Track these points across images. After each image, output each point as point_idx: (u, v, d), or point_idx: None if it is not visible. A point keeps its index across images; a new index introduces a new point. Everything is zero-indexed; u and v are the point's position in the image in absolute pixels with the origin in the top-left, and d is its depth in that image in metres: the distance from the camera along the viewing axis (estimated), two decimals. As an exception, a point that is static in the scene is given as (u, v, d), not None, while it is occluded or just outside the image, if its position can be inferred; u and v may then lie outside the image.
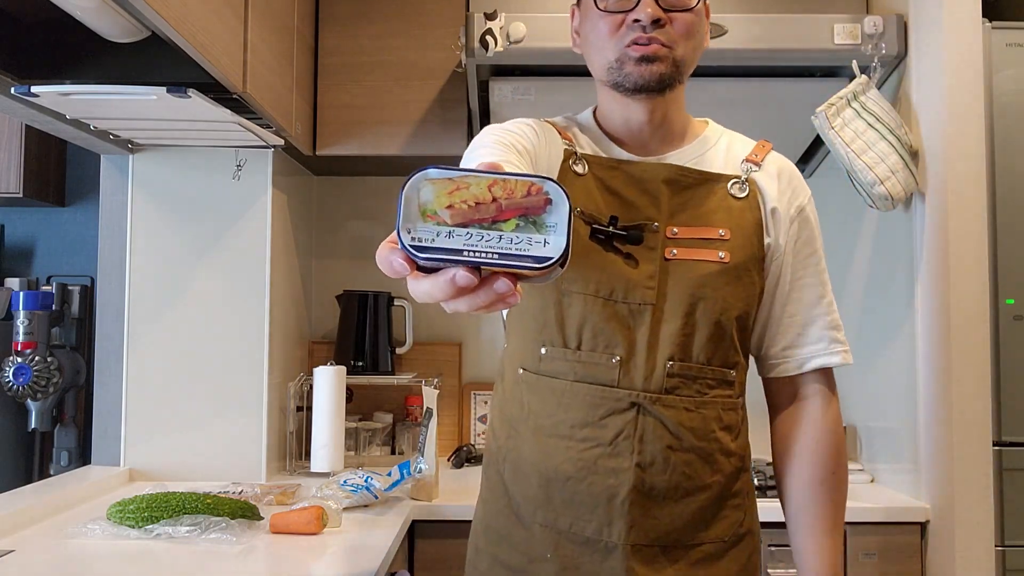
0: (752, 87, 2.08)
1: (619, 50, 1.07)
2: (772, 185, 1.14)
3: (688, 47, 1.09)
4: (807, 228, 1.16)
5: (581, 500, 1.07)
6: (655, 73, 1.07)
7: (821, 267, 1.17)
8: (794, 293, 1.15)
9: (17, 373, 2.26)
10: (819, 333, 1.16)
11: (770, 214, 1.13)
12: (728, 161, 1.15)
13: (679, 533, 1.08)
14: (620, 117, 1.15)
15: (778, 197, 1.13)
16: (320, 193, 2.53)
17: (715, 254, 1.09)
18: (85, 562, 1.34)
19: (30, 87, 1.42)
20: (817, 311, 1.16)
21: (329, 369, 2.06)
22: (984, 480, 1.75)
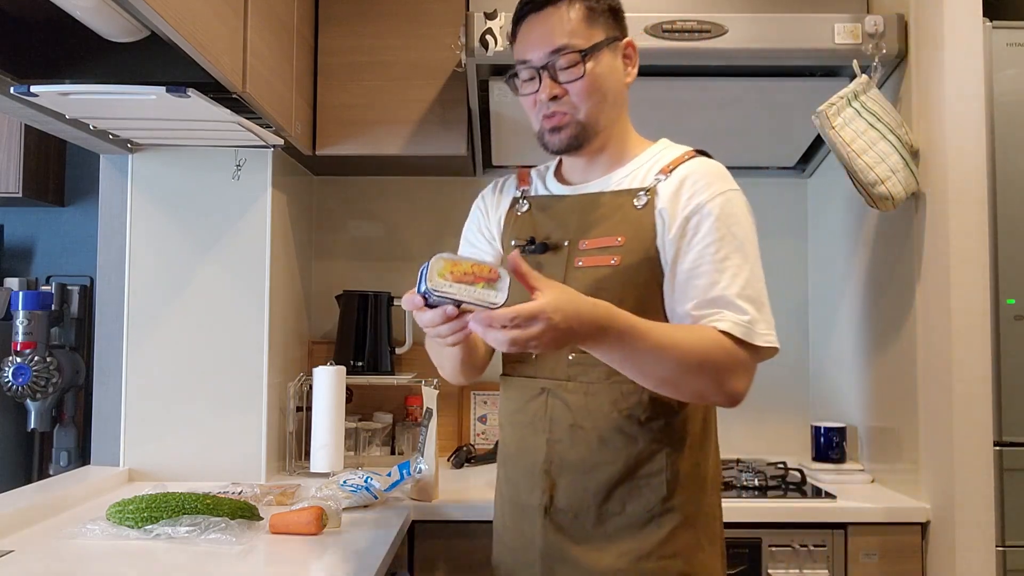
0: (752, 87, 2.08)
1: (539, 123, 1.31)
2: (669, 190, 1.26)
3: (590, 105, 1.28)
4: (707, 223, 1.23)
5: (520, 473, 1.33)
6: (564, 139, 1.29)
7: (721, 255, 1.22)
8: (692, 282, 1.23)
9: (17, 373, 2.26)
10: (717, 302, 1.21)
11: (658, 215, 1.25)
12: (647, 176, 1.30)
13: (590, 502, 1.26)
14: (567, 164, 1.41)
15: (670, 200, 1.25)
16: (320, 193, 2.53)
17: (609, 259, 1.26)
18: (85, 562, 1.34)
19: (30, 87, 1.42)
20: (712, 295, 1.21)
21: (329, 369, 2.06)
22: (985, 480, 1.75)
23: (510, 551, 1.35)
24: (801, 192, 2.56)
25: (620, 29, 1.33)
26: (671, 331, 1.18)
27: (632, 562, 1.24)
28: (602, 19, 1.29)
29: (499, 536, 1.40)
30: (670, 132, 2.23)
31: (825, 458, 2.16)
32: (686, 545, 1.26)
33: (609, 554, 1.25)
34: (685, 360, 1.15)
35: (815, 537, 1.84)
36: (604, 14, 1.29)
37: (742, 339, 1.18)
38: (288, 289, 2.21)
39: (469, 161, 2.31)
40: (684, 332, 1.19)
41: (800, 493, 1.97)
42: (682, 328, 1.21)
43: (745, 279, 1.21)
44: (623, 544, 1.25)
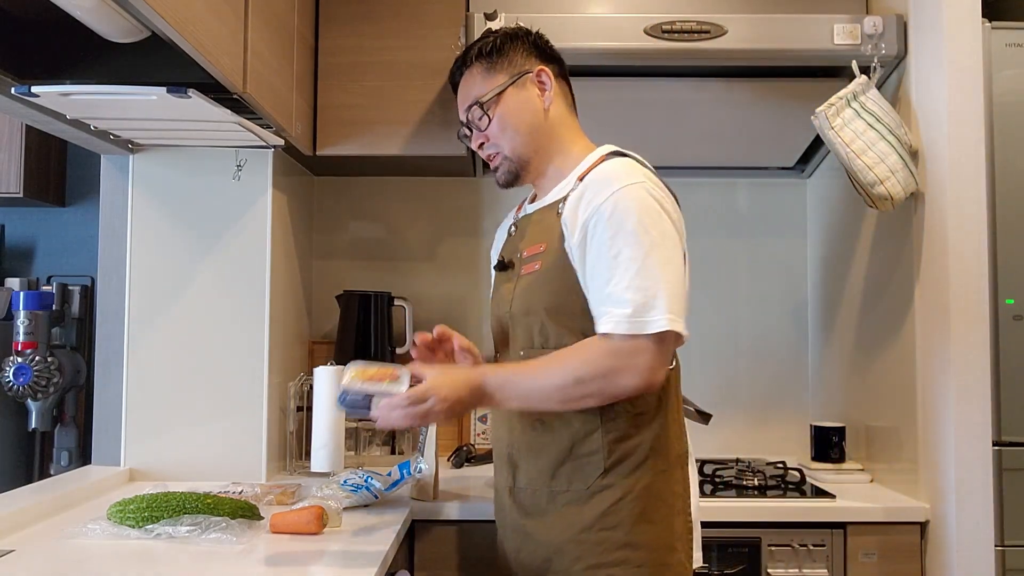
0: (752, 87, 2.09)
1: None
2: (574, 197, 1.39)
3: (506, 141, 1.47)
4: (600, 225, 1.32)
5: (496, 460, 1.53)
6: (500, 176, 1.52)
7: (612, 253, 1.30)
8: (590, 286, 1.35)
9: (17, 373, 2.26)
10: (604, 308, 1.31)
11: (565, 222, 1.38)
12: (570, 184, 1.43)
13: (540, 481, 1.41)
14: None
15: (572, 208, 1.38)
16: (320, 193, 2.53)
17: (534, 266, 1.43)
18: (85, 562, 1.34)
19: (30, 87, 1.42)
20: (606, 290, 1.31)
21: (329, 369, 2.06)
22: (984, 480, 1.75)
23: (499, 527, 1.54)
24: (801, 192, 2.56)
25: (527, 63, 1.48)
26: (545, 363, 1.34)
27: (576, 533, 1.36)
28: (502, 65, 1.47)
29: (496, 514, 1.57)
30: (670, 132, 2.25)
31: (824, 458, 2.17)
32: (628, 517, 1.35)
33: (557, 527, 1.38)
34: (563, 385, 1.30)
35: (814, 537, 1.84)
36: (503, 60, 1.47)
37: (630, 333, 1.27)
38: (288, 289, 2.21)
39: (469, 161, 2.32)
40: (557, 360, 1.33)
41: (799, 493, 1.98)
42: (557, 356, 1.34)
43: (635, 270, 1.28)
44: (569, 517, 1.37)
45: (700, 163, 2.44)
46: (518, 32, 1.51)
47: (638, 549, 1.35)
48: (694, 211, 2.52)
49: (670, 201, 1.38)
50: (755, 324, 2.53)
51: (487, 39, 1.50)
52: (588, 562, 1.36)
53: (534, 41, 1.51)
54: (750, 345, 2.53)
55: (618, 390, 1.30)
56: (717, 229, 2.54)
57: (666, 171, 2.46)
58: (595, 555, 1.36)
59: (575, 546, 1.37)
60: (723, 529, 1.84)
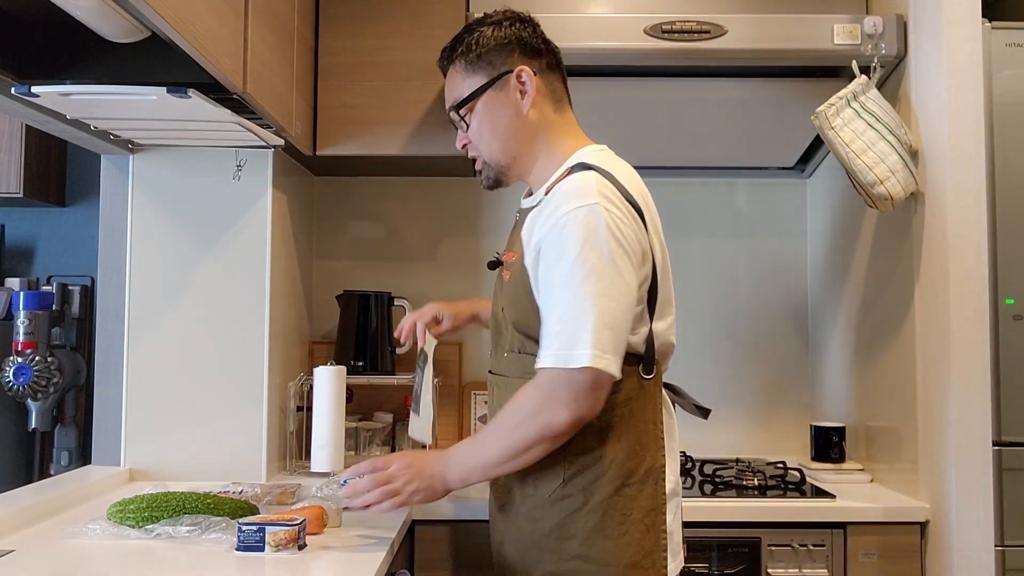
0: (752, 87, 2.09)
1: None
2: (534, 213, 1.37)
3: (487, 147, 1.45)
4: (545, 249, 1.30)
5: None
6: (483, 180, 1.50)
7: (549, 283, 1.30)
8: (541, 310, 1.33)
9: (17, 373, 2.26)
10: (540, 341, 1.31)
11: (522, 239, 1.37)
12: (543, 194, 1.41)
13: (514, 482, 1.40)
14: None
15: (529, 225, 1.36)
16: (320, 193, 2.53)
17: (507, 273, 1.42)
18: (85, 562, 1.34)
19: (30, 87, 1.42)
20: (544, 329, 1.31)
21: (329, 369, 2.06)
22: (984, 480, 1.75)
23: (489, 521, 1.55)
24: (800, 192, 2.56)
25: (508, 61, 1.41)
26: (488, 426, 1.37)
27: (538, 539, 1.37)
28: (480, 64, 1.41)
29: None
30: (670, 132, 2.25)
31: (824, 458, 2.17)
32: (582, 530, 1.33)
33: (524, 530, 1.39)
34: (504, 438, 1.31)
35: (814, 537, 1.84)
36: (482, 58, 1.41)
37: (553, 367, 1.26)
38: (288, 289, 2.21)
39: (469, 161, 2.31)
40: (496, 417, 1.36)
41: (799, 493, 1.98)
42: (499, 413, 1.35)
43: (567, 302, 1.26)
44: (534, 522, 1.38)
45: (700, 163, 2.44)
46: (501, 22, 1.42)
47: (590, 562, 1.33)
48: (694, 211, 2.53)
49: (628, 222, 1.30)
50: (755, 324, 2.53)
51: (470, 34, 1.43)
52: (545, 568, 1.36)
53: (517, 33, 1.41)
54: (750, 345, 2.52)
55: (552, 429, 1.27)
56: (717, 229, 2.54)
57: (666, 171, 2.50)
58: (551, 563, 1.35)
59: (536, 551, 1.37)
60: (723, 529, 1.84)
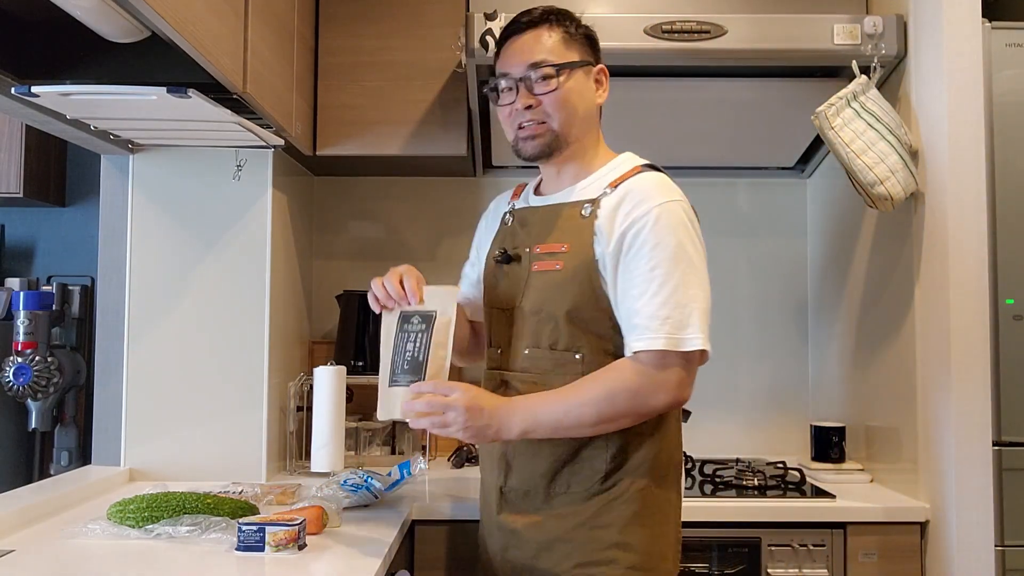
0: (752, 87, 2.09)
1: (513, 132, 1.46)
2: (610, 205, 1.38)
3: (562, 118, 1.41)
4: (639, 238, 1.34)
5: (486, 457, 1.52)
6: (538, 146, 1.43)
7: (649, 267, 1.32)
8: (624, 298, 1.35)
9: (17, 373, 2.26)
10: (637, 322, 1.33)
11: (599, 228, 1.37)
12: (597, 188, 1.42)
13: (538, 481, 1.41)
14: (543, 174, 1.54)
15: (609, 216, 1.37)
16: (320, 193, 2.53)
17: (555, 265, 1.40)
18: (86, 562, 1.34)
19: (30, 87, 1.43)
20: (639, 304, 1.32)
21: (329, 369, 2.06)
22: (984, 480, 1.75)
23: (484, 525, 1.53)
24: (801, 192, 2.56)
25: (594, 56, 1.48)
26: (576, 386, 1.34)
27: (568, 530, 1.37)
28: (577, 44, 1.44)
29: (480, 511, 1.57)
30: (670, 132, 2.25)
31: (824, 458, 2.17)
32: (620, 517, 1.36)
33: (548, 526, 1.39)
34: (597, 403, 1.31)
35: (814, 537, 1.84)
36: (580, 40, 1.44)
37: (665, 349, 1.29)
38: (288, 289, 2.21)
39: (469, 161, 2.32)
40: (590, 380, 1.34)
41: (799, 493, 1.98)
42: (587, 378, 1.34)
43: (672, 288, 1.30)
44: (563, 517, 1.38)
45: (700, 163, 2.44)
46: (589, 28, 1.49)
47: (628, 550, 1.35)
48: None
49: (697, 221, 1.41)
50: (755, 324, 2.53)
51: (571, 14, 1.46)
52: (576, 560, 1.36)
53: (598, 42, 1.50)
54: (750, 345, 2.52)
55: (649, 408, 1.32)
56: (717, 229, 2.54)
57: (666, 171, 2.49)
58: (585, 553, 1.36)
59: (565, 544, 1.37)
60: (723, 529, 1.84)
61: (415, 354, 1.43)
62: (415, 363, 1.42)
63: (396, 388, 1.41)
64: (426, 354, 1.42)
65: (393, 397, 1.41)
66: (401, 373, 1.42)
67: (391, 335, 1.44)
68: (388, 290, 1.42)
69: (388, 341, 1.44)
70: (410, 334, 1.43)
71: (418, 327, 1.44)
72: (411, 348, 1.43)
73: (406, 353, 1.42)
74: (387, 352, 1.44)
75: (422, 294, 1.43)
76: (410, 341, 1.43)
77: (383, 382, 1.42)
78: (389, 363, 1.42)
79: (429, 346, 1.43)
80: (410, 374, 1.41)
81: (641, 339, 1.31)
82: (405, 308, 1.44)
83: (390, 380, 1.42)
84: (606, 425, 1.33)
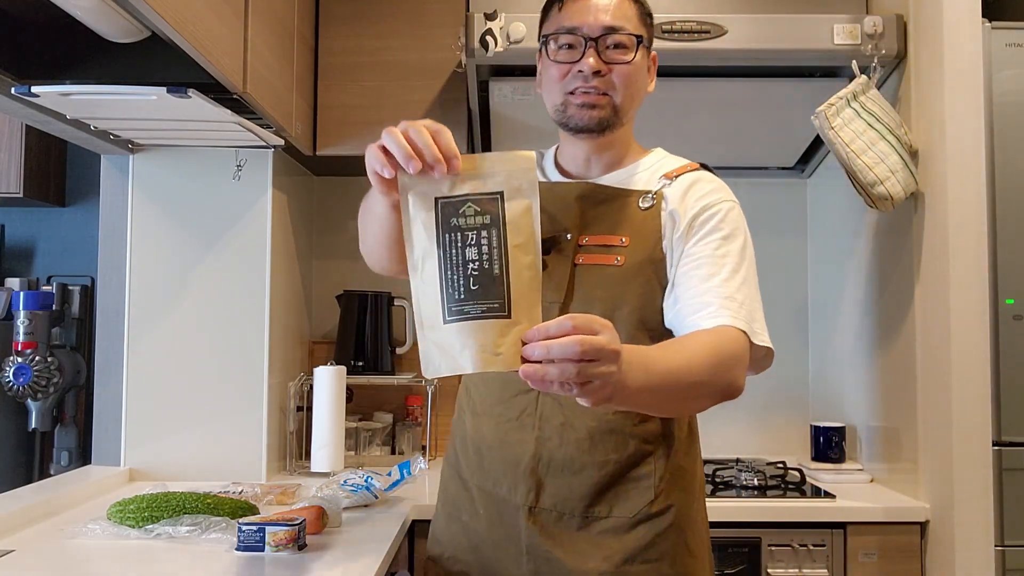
0: (752, 87, 2.09)
1: (563, 95, 1.26)
2: (677, 193, 1.26)
3: (626, 95, 1.25)
4: (712, 222, 1.23)
5: (498, 465, 1.27)
6: (594, 118, 1.25)
7: (722, 252, 1.21)
8: (694, 272, 1.21)
9: (17, 373, 2.26)
10: (710, 300, 1.17)
11: (668, 217, 1.24)
12: (650, 180, 1.29)
13: (576, 503, 1.23)
14: (569, 151, 1.34)
15: (679, 201, 1.25)
16: (320, 193, 2.53)
17: (612, 259, 1.24)
18: (86, 562, 1.34)
19: (30, 87, 1.43)
20: (710, 284, 1.19)
21: (329, 369, 2.06)
22: (984, 480, 1.75)
23: (489, 542, 1.28)
24: (800, 192, 2.56)
25: (652, 43, 1.34)
26: (681, 341, 1.15)
27: (617, 565, 1.21)
28: (645, 23, 1.30)
29: (463, 523, 1.31)
30: (670, 132, 2.25)
31: (825, 458, 2.17)
32: (672, 548, 1.24)
33: (594, 557, 1.21)
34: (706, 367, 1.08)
35: (814, 537, 1.84)
36: (647, 20, 1.31)
37: (744, 332, 1.15)
38: (288, 289, 2.21)
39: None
40: (692, 337, 1.14)
41: (800, 493, 1.98)
42: (684, 339, 1.15)
43: (741, 279, 1.21)
44: (608, 547, 1.22)
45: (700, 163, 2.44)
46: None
47: None
48: (694, 211, 2.53)
49: None
50: (755, 324, 2.53)
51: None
52: None
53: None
54: (750, 345, 2.52)
55: (734, 386, 1.12)
56: (717, 229, 2.53)
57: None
58: None
59: None
60: (723, 529, 1.83)
61: (484, 263, 0.91)
62: (487, 279, 0.91)
63: (461, 323, 0.90)
64: (504, 262, 0.91)
65: (454, 339, 0.90)
66: (465, 298, 0.90)
67: (429, 235, 0.93)
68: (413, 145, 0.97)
69: (425, 246, 0.94)
70: (465, 233, 0.92)
71: (477, 220, 0.93)
72: (473, 256, 0.92)
73: (467, 265, 0.91)
74: (425, 266, 0.93)
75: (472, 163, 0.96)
76: (469, 245, 0.92)
77: (430, 317, 0.92)
78: (437, 283, 0.92)
79: (506, 249, 0.91)
80: (482, 298, 0.90)
81: (718, 316, 1.15)
82: (444, 190, 0.95)
83: (446, 311, 0.91)
84: (700, 398, 1.11)
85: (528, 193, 0.93)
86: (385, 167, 0.99)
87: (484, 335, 0.89)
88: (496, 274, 0.90)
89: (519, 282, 0.90)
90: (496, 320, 0.89)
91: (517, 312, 0.90)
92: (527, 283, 0.91)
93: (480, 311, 0.89)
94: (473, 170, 0.95)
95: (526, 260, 0.92)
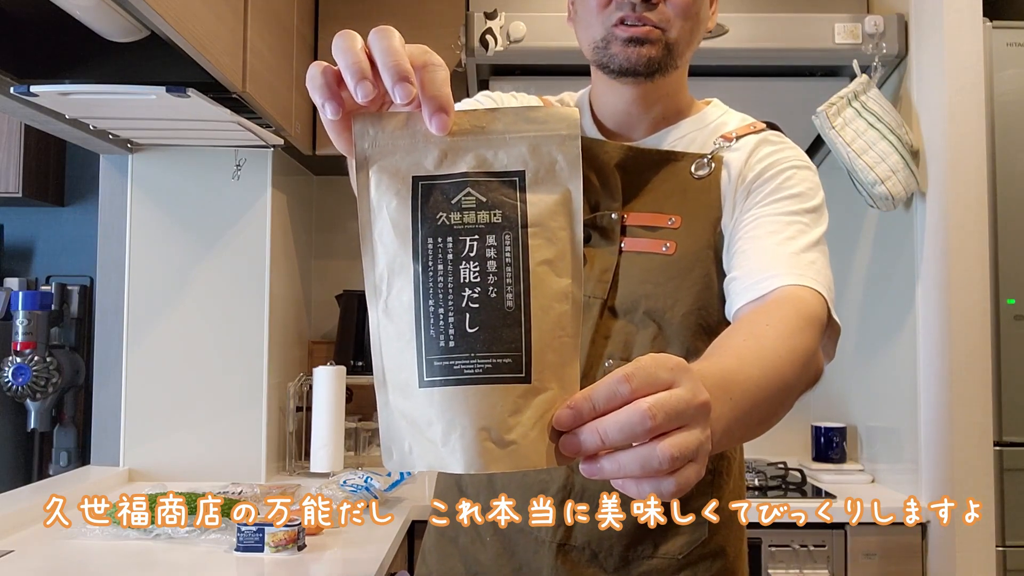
0: (752, 87, 2.08)
1: (606, 28, 1.00)
2: (740, 157, 1.02)
3: (684, 28, 1.00)
4: (781, 177, 0.99)
5: (516, 489, 1.02)
6: (643, 56, 0.99)
7: (789, 210, 0.97)
8: (755, 231, 0.96)
9: (16, 373, 2.26)
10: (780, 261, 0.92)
11: (728, 185, 1.01)
12: (706, 141, 1.05)
13: (614, 541, 1.00)
14: (608, 100, 1.07)
15: (744, 163, 1.02)
16: (320, 193, 2.53)
17: (660, 245, 1.00)
18: (85, 562, 1.34)
19: (30, 87, 1.42)
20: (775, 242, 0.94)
21: (329, 369, 2.06)
22: (984, 480, 1.75)
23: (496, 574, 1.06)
24: (801, 192, 2.56)
25: None
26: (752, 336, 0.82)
27: None
28: None
29: (461, 546, 1.09)
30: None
31: (825, 458, 2.17)
32: None
33: None
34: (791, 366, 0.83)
35: (815, 537, 1.84)
36: None
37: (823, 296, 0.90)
38: (288, 289, 2.21)
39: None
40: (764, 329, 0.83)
41: (800, 493, 1.97)
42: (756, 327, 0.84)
43: (813, 240, 0.95)
44: None
45: (700, 163, 2.44)
46: None
47: None
48: (694, 211, 2.53)
49: None
50: (755, 324, 2.53)
51: None
52: None
53: None
54: (750, 345, 2.52)
55: (818, 376, 0.90)
56: (717, 229, 2.53)
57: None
58: None
59: None
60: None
61: (489, 290, 0.54)
62: (494, 315, 0.54)
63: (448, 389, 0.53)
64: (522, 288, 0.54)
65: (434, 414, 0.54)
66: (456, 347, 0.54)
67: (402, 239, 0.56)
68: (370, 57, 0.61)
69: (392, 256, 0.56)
70: (460, 239, 0.55)
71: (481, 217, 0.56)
72: (472, 276, 0.54)
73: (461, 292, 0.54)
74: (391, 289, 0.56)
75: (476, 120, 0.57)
76: (466, 258, 0.55)
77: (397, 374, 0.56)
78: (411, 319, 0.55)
79: (526, 266, 0.55)
80: (484, 348, 0.54)
81: (791, 276, 0.89)
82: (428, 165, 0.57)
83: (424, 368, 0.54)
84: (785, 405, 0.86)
85: (566, 175, 0.56)
86: (327, 101, 0.57)
87: (487, 410, 0.53)
88: (509, 308, 0.54)
89: (545, 322, 0.54)
90: (507, 385, 0.53)
91: (541, 372, 0.54)
92: (558, 324, 0.55)
93: (481, 369, 0.53)
94: (478, 131, 0.57)
95: (558, 286, 0.55)
